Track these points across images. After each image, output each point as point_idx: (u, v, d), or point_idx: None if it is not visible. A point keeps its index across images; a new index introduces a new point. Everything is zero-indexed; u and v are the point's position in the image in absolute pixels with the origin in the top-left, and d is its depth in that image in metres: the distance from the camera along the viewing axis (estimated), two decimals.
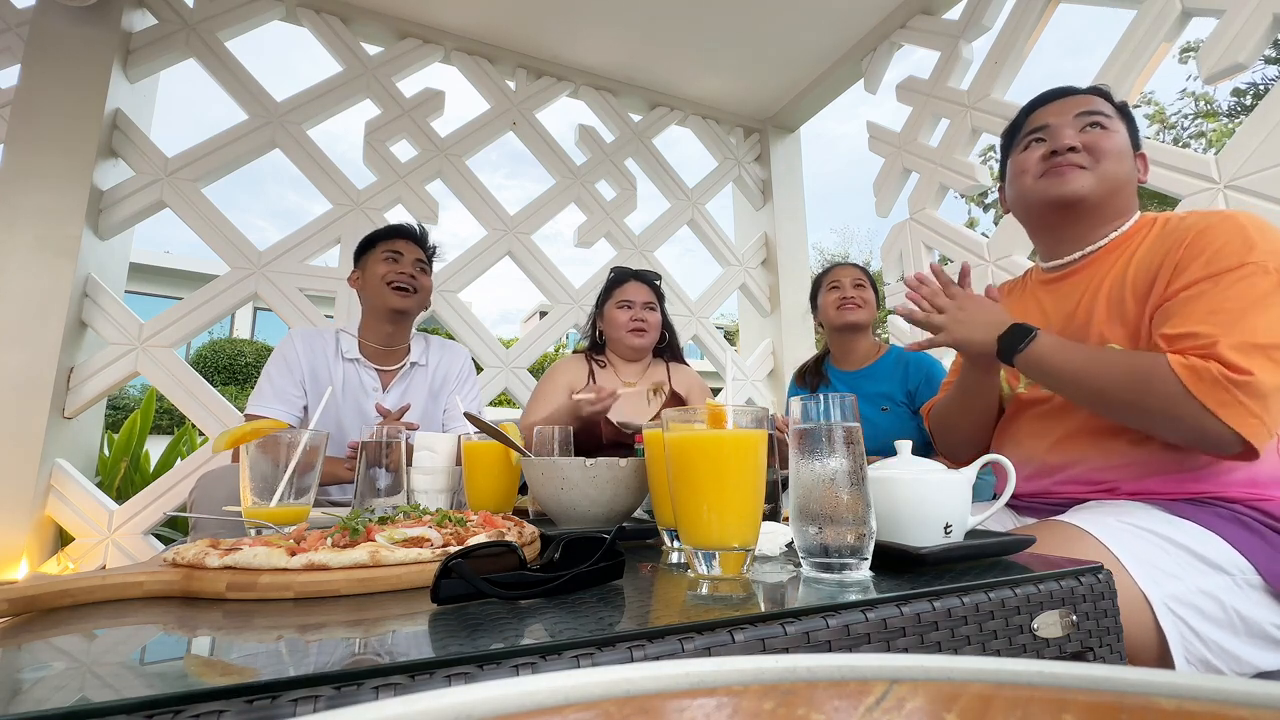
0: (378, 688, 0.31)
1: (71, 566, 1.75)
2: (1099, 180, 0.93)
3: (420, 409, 1.51)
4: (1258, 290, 0.73)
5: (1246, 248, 0.76)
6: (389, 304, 1.47)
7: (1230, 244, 0.78)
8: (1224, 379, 0.70)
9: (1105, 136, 0.94)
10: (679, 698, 0.18)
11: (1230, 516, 0.76)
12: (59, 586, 0.46)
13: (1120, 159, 0.94)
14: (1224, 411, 0.70)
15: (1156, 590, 0.67)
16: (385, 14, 2.35)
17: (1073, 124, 0.97)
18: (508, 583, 0.45)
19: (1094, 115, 0.95)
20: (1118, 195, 0.94)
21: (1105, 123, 0.95)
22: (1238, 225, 0.79)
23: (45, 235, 1.77)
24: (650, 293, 1.69)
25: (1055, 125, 0.98)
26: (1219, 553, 0.72)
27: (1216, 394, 0.70)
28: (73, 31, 1.90)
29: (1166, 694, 0.17)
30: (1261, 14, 1.39)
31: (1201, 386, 0.71)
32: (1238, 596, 0.70)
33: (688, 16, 2.40)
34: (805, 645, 0.41)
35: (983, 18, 2.13)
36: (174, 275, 11.69)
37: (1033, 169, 0.99)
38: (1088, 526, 0.73)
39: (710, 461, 0.53)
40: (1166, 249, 0.84)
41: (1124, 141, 0.95)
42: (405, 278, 1.47)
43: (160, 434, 7.17)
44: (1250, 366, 0.69)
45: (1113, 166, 0.93)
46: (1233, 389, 0.69)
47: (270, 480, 0.77)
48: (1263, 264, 0.74)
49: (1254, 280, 0.74)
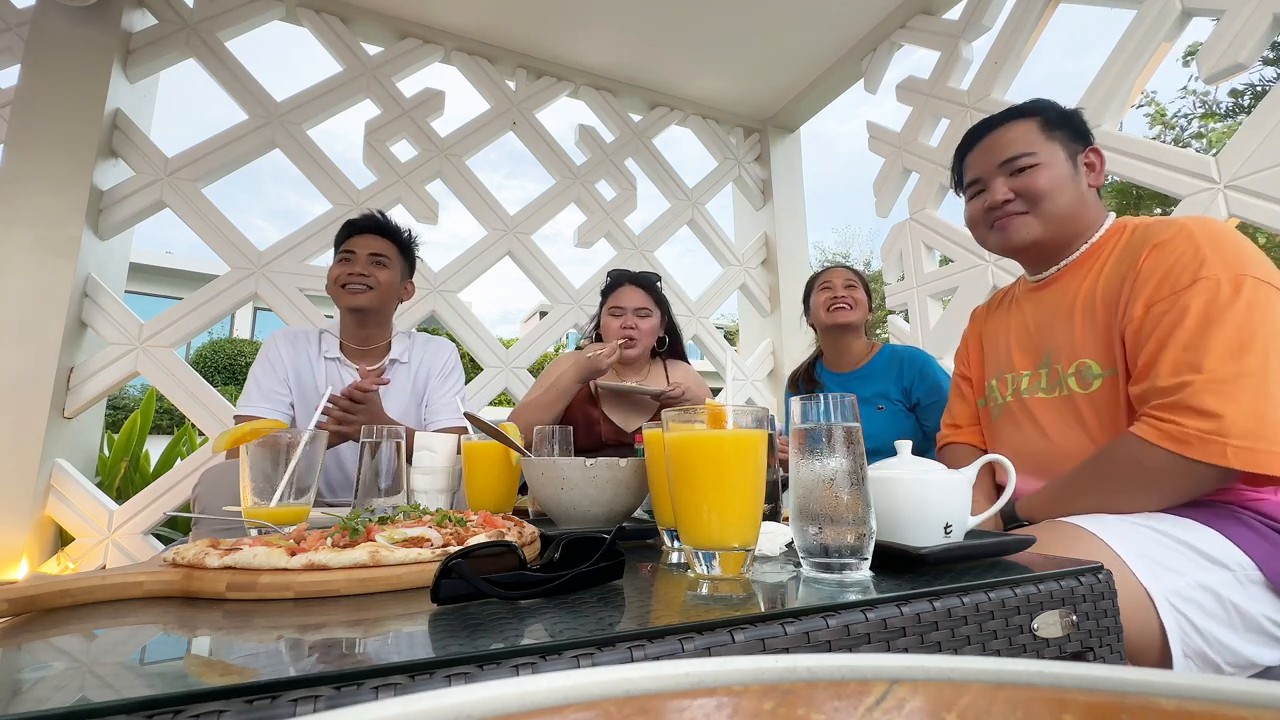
0: (378, 688, 0.31)
1: (71, 566, 1.75)
2: (1043, 222, 0.95)
3: (400, 407, 1.50)
4: (1213, 307, 0.74)
5: (1198, 262, 0.76)
6: (342, 304, 1.46)
7: (1183, 259, 0.78)
8: (1199, 435, 0.70)
9: (1034, 176, 0.94)
10: (679, 698, 0.18)
11: (1229, 514, 0.76)
12: (59, 586, 0.46)
13: (1059, 191, 0.93)
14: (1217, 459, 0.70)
15: (1158, 585, 0.67)
16: (385, 14, 2.35)
17: (999, 173, 0.97)
18: (508, 583, 0.45)
19: (1017, 160, 0.95)
20: (1071, 221, 0.95)
21: (1030, 160, 0.94)
22: (1189, 238, 0.79)
23: (45, 235, 1.77)
24: (645, 297, 1.64)
25: (985, 179, 0.99)
26: (1220, 548, 0.72)
27: (1200, 448, 0.70)
28: (73, 31, 1.90)
29: (1166, 694, 0.17)
30: (1261, 14, 1.39)
31: (1181, 446, 0.71)
32: (1238, 592, 0.70)
33: (688, 16, 2.40)
34: (805, 645, 0.41)
35: (983, 18, 2.13)
36: (174, 275, 11.69)
37: (981, 221, 1.01)
38: (1088, 524, 0.73)
39: (710, 461, 0.53)
40: (1129, 263, 0.85)
41: (1058, 170, 0.94)
42: (356, 277, 1.44)
43: (160, 434, 7.18)
44: (1220, 409, 0.69)
45: (1053, 203, 0.94)
46: (1213, 439, 0.69)
47: (270, 480, 0.77)
48: (1214, 278, 0.75)
49: (1208, 296, 0.74)
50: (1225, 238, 0.78)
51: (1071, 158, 0.95)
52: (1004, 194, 0.96)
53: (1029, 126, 0.97)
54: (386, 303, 1.50)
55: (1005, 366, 1.04)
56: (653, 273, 1.73)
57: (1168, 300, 0.77)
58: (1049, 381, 0.94)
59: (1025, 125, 0.97)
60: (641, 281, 1.66)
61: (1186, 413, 0.71)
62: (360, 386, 1.21)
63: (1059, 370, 0.92)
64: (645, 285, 1.66)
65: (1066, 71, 41.71)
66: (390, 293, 1.49)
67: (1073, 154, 0.95)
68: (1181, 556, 0.71)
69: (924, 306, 2.27)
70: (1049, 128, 0.96)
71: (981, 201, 1.00)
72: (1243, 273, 0.74)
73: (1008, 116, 1.00)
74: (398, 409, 1.49)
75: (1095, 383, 0.87)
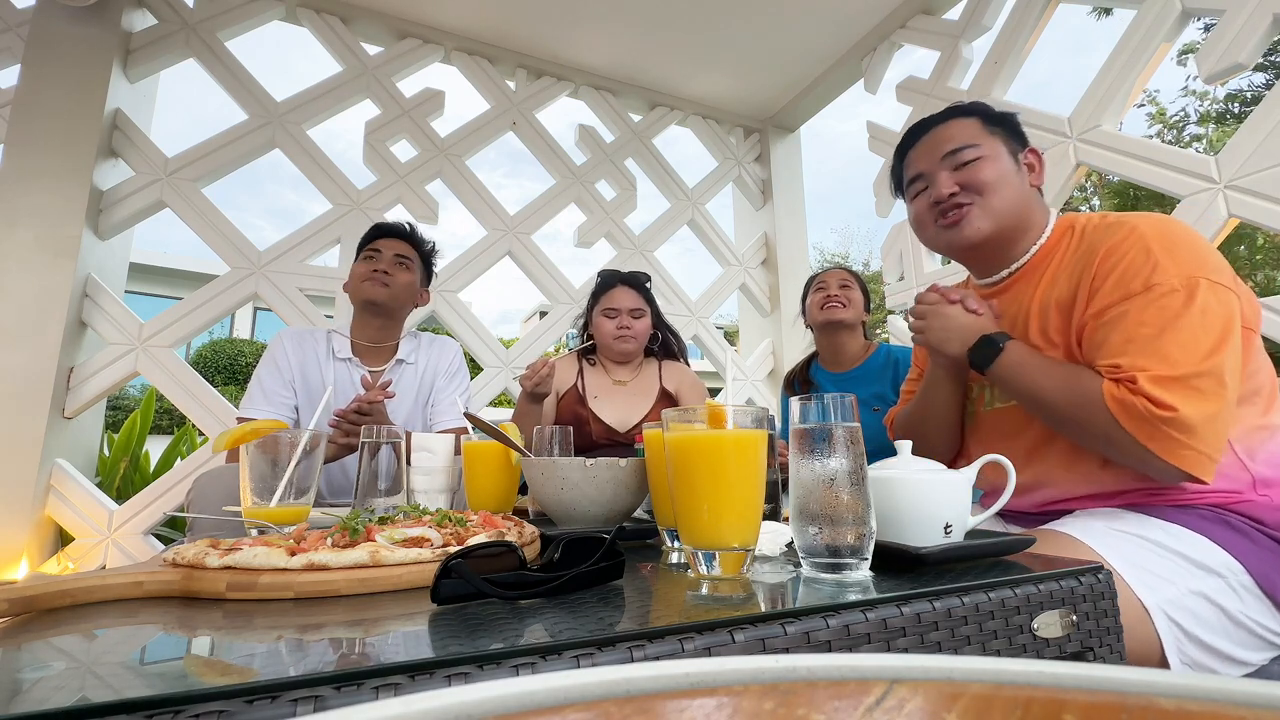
0: (378, 688, 0.31)
1: (71, 566, 1.75)
2: (990, 215, 0.92)
3: (406, 408, 1.51)
4: (1168, 312, 0.73)
5: (1150, 267, 0.75)
6: (361, 296, 1.48)
7: (1134, 264, 0.77)
8: (1149, 415, 0.69)
9: (979, 169, 0.92)
10: (679, 698, 0.18)
11: (1216, 519, 0.76)
12: (59, 586, 0.46)
13: (1003, 183, 0.91)
14: (1156, 446, 0.70)
15: (1152, 596, 0.67)
16: (385, 14, 2.35)
17: (943, 166, 0.95)
18: (508, 583, 0.45)
19: (960, 152, 0.93)
20: (1017, 216, 0.93)
21: (973, 153, 0.92)
22: (1141, 242, 0.77)
23: (45, 235, 1.77)
24: (637, 297, 1.65)
25: (929, 172, 0.97)
26: (1210, 555, 0.72)
27: (1146, 429, 0.70)
28: (73, 31, 1.90)
29: (1167, 694, 0.17)
30: (1261, 14, 1.39)
31: (1132, 422, 0.71)
32: (1230, 598, 0.70)
33: (688, 16, 2.40)
34: (805, 645, 0.41)
35: (983, 18, 2.13)
36: (174, 275, 11.69)
37: (927, 218, 0.98)
38: (1078, 534, 0.73)
39: (710, 461, 0.53)
40: (1082, 266, 0.83)
41: (1003, 164, 0.92)
42: (379, 273, 1.47)
43: (160, 434, 7.17)
44: (1173, 401, 0.69)
45: (999, 196, 0.91)
46: (1160, 425, 0.69)
47: (270, 480, 0.77)
48: (1168, 284, 0.73)
49: (1162, 302, 0.73)
50: (1177, 239, 0.77)
51: (1013, 155, 0.94)
52: (949, 187, 0.93)
53: (970, 123, 0.95)
54: (403, 303, 1.53)
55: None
56: (642, 273, 1.75)
57: (1121, 305, 0.76)
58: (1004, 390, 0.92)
59: (965, 122, 0.96)
60: (633, 282, 1.68)
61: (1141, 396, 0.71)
62: (367, 399, 1.22)
63: None
64: (636, 285, 1.68)
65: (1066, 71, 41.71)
66: (408, 294, 1.53)
67: (1014, 151, 0.94)
68: (1173, 565, 0.71)
69: None
70: (989, 124, 0.95)
71: (926, 198, 0.97)
72: (1196, 275, 0.73)
73: (947, 115, 0.98)
74: (403, 410, 1.50)
75: None
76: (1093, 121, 1.72)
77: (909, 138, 1.01)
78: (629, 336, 1.61)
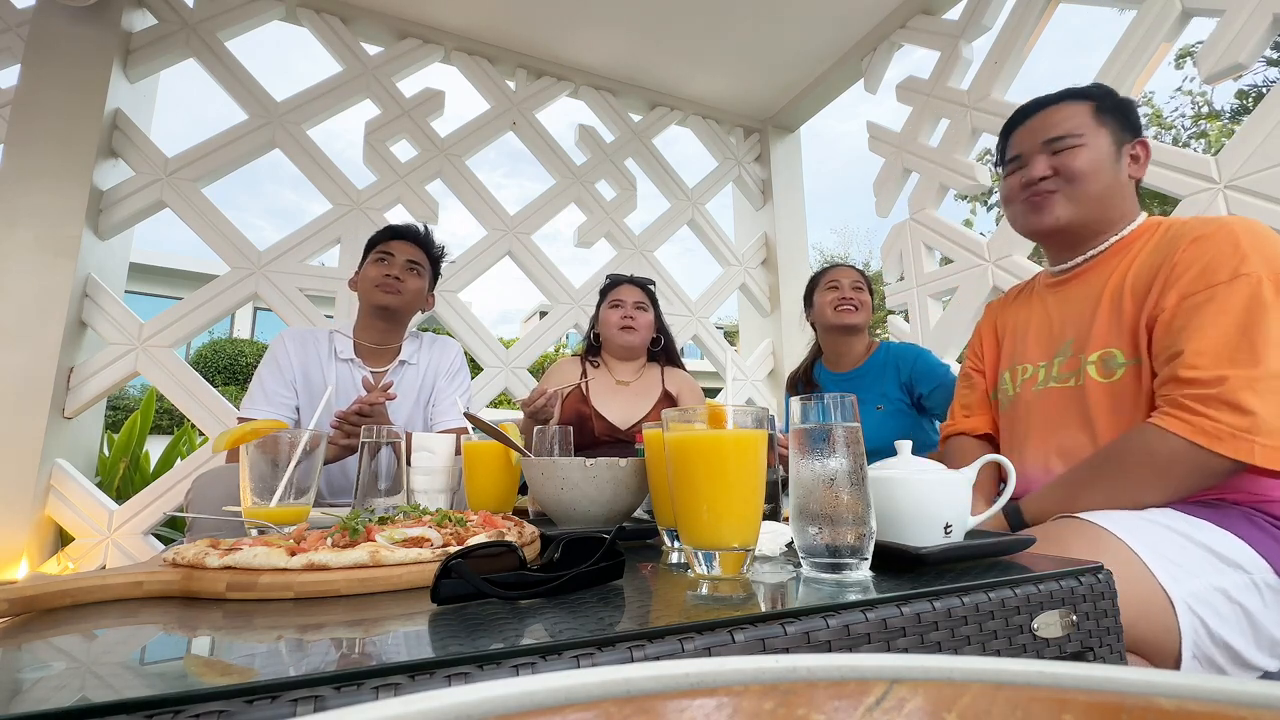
0: (378, 688, 0.31)
1: (71, 566, 1.75)
2: (1074, 203, 0.94)
3: (407, 408, 1.51)
4: (1255, 305, 0.73)
5: (1239, 258, 0.76)
6: (374, 302, 1.48)
7: (1221, 254, 0.78)
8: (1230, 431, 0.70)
9: (1075, 155, 0.93)
10: (679, 698, 0.18)
11: (1242, 516, 0.76)
12: (59, 586, 0.45)
13: (1096, 173, 0.92)
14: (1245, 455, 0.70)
15: (1177, 588, 0.66)
16: (385, 14, 2.35)
17: (1042, 150, 0.96)
18: (508, 583, 0.45)
19: (1062, 140, 0.94)
20: (1104, 207, 0.94)
21: (1075, 140, 0.93)
22: (1231, 234, 0.79)
23: (45, 235, 1.77)
24: (642, 294, 1.74)
25: (1026, 155, 0.98)
26: (1235, 550, 0.72)
27: (1233, 444, 0.71)
28: (73, 31, 1.90)
29: (1167, 694, 0.17)
30: (1261, 14, 1.39)
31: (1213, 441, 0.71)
32: (1252, 596, 0.69)
33: (688, 17, 2.40)
34: (805, 645, 0.41)
35: (983, 18, 2.13)
36: (174, 275, 11.69)
37: (1015, 198, 1.00)
38: (1105, 523, 0.72)
39: (710, 462, 0.53)
40: (1164, 256, 0.84)
41: (1102, 153, 0.93)
42: (391, 279, 1.48)
43: (160, 434, 7.17)
44: (1255, 407, 0.70)
45: (1088, 186, 0.93)
46: (1243, 435, 0.70)
47: (270, 480, 0.77)
48: (1255, 274, 0.74)
49: (1248, 293, 0.74)
50: (1265, 238, 0.78)
51: (1117, 145, 0.94)
52: (1042, 170, 0.95)
53: (1080, 109, 0.95)
54: (412, 309, 1.55)
55: (1019, 358, 1.03)
56: (647, 278, 1.82)
57: (1204, 293, 0.77)
58: (1062, 371, 0.93)
59: (1076, 107, 0.96)
60: (638, 281, 1.78)
61: (1223, 408, 0.71)
62: (368, 401, 1.22)
63: (1081, 359, 0.90)
64: (641, 285, 1.77)
65: (1067, 70, 41.69)
66: (417, 300, 1.55)
67: (1119, 142, 0.94)
68: (1198, 558, 0.70)
69: (924, 307, 2.26)
70: (1100, 113, 0.95)
71: (1019, 177, 0.99)
72: None
73: (1061, 97, 0.98)
74: (404, 410, 1.50)
75: (1119, 371, 0.85)
76: None
77: (1017, 117, 1.02)
78: (633, 327, 1.68)
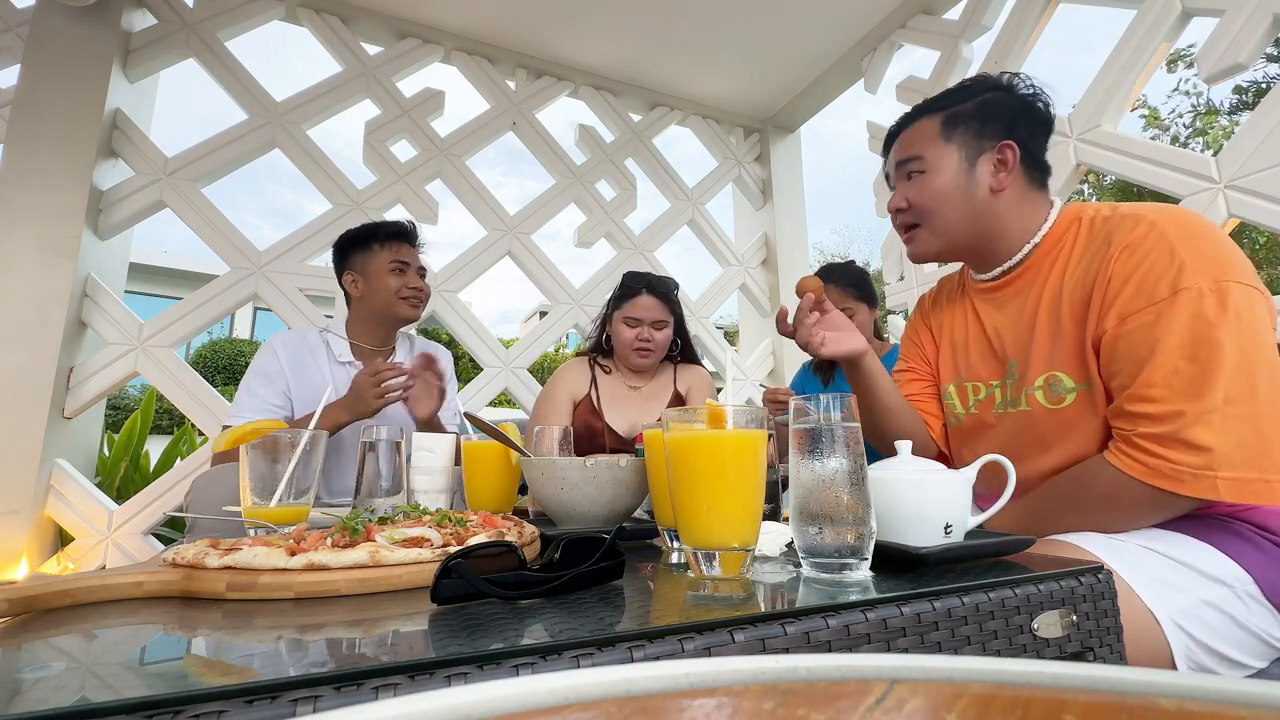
0: (378, 688, 0.31)
1: (71, 566, 1.75)
2: (935, 235, 0.90)
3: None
4: (1200, 324, 0.68)
5: (1175, 268, 0.70)
6: (401, 316, 1.48)
7: (1157, 265, 0.72)
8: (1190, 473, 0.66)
9: (918, 186, 0.89)
10: (679, 698, 0.18)
11: (1222, 527, 0.75)
12: (59, 586, 0.46)
13: (945, 200, 0.87)
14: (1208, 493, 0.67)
15: (1162, 606, 0.66)
16: (385, 14, 2.35)
17: (898, 175, 0.93)
18: (508, 583, 0.45)
19: (909, 164, 0.90)
20: (977, 227, 0.88)
21: (918, 166, 0.89)
22: (1163, 240, 0.73)
23: (45, 235, 1.77)
24: (662, 308, 1.55)
25: (892, 180, 0.95)
26: (1217, 565, 0.71)
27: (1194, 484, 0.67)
28: (73, 31, 1.90)
29: (1167, 694, 0.17)
30: (1261, 14, 1.39)
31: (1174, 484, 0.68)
32: (1237, 606, 0.69)
33: (688, 16, 2.40)
34: (805, 645, 0.41)
35: (983, 18, 2.13)
36: (174, 275, 11.69)
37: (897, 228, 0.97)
38: (1085, 544, 0.72)
39: (710, 461, 0.53)
40: (1097, 266, 0.78)
41: (945, 179, 0.87)
42: (416, 291, 1.48)
43: (160, 434, 7.17)
44: (1210, 443, 0.65)
45: (939, 215, 0.88)
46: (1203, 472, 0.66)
47: (270, 480, 0.77)
48: (1195, 287, 0.69)
49: (1191, 311, 0.68)
50: (1200, 237, 0.73)
51: (970, 160, 0.87)
52: (897, 202, 0.92)
53: (926, 127, 0.90)
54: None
55: (965, 373, 0.97)
56: (670, 278, 1.63)
57: (1147, 312, 0.71)
58: (1013, 394, 0.87)
59: (923, 125, 0.90)
60: (659, 290, 1.57)
61: (1178, 447, 0.67)
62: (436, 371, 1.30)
63: (1023, 385, 0.85)
64: (664, 294, 1.57)
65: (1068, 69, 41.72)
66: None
67: (975, 154, 0.87)
68: (1181, 575, 0.69)
69: None
70: (949, 126, 0.88)
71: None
72: (1225, 279, 0.69)
73: (913, 114, 0.93)
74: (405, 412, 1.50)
75: (1068, 398, 0.80)
76: (1093, 121, 1.72)
77: (888, 138, 0.99)
78: (648, 350, 1.53)
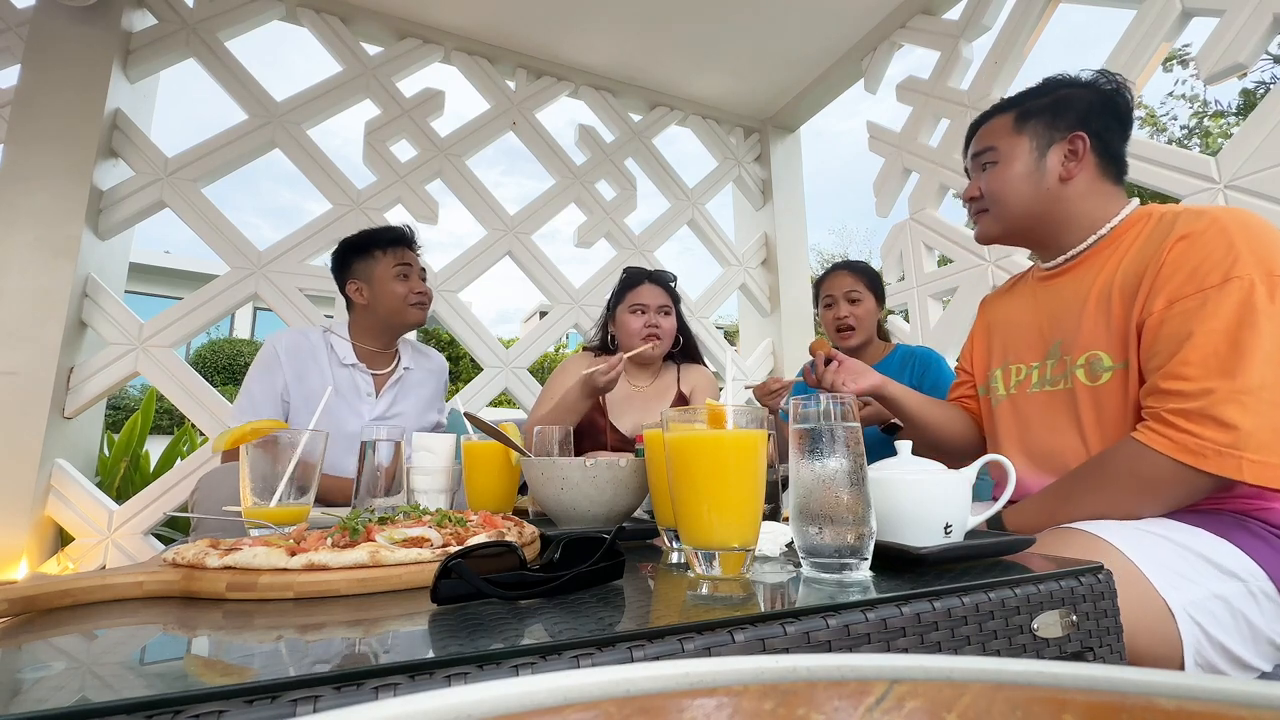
0: (378, 688, 0.31)
1: (71, 566, 1.75)
2: (1001, 221, 0.96)
3: (416, 411, 1.52)
4: (1246, 311, 0.69)
5: (1231, 259, 0.72)
6: (410, 321, 1.49)
7: (1213, 254, 0.73)
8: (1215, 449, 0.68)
9: (991, 176, 0.96)
10: (679, 698, 0.18)
11: (1237, 523, 0.75)
12: (59, 586, 0.46)
13: (1013, 189, 0.93)
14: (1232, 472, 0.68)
15: (1176, 596, 0.66)
16: (385, 14, 2.35)
17: (975, 167, 0.99)
18: (508, 583, 0.45)
19: (983, 155, 0.97)
20: (1044, 215, 0.93)
21: (991, 157, 0.96)
22: (1223, 231, 0.75)
23: (45, 235, 1.77)
24: (665, 295, 1.58)
25: (969, 171, 1.03)
26: (1231, 558, 0.71)
27: (1218, 461, 0.68)
28: (73, 31, 1.90)
29: (1167, 694, 0.17)
30: (1261, 14, 1.39)
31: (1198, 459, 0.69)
32: (1249, 604, 0.69)
33: (688, 16, 2.40)
34: (805, 645, 0.41)
35: (983, 18, 2.13)
36: (174, 275, 11.68)
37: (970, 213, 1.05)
38: (1101, 532, 0.71)
39: (710, 461, 0.53)
40: (1151, 253, 0.81)
41: (1015, 168, 0.93)
42: (421, 296, 1.49)
43: (160, 434, 7.17)
44: (1239, 421, 0.67)
45: (1007, 203, 0.94)
46: (1229, 451, 0.67)
47: (270, 480, 0.77)
48: (1247, 277, 0.70)
49: (1239, 298, 0.70)
50: (1260, 232, 0.74)
51: (1041, 150, 0.91)
52: (971, 191, 1.00)
53: (1002, 122, 0.96)
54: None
55: (1011, 357, 1.01)
56: (668, 271, 1.67)
57: (1195, 298, 0.73)
58: (1054, 373, 0.91)
59: (999, 121, 0.97)
60: (660, 280, 1.61)
61: (1206, 423, 0.68)
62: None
63: (1067, 361, 0.88)
64: (664, 283, 1.61)
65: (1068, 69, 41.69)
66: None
67: (1046, 144, 0.91)
68: (1195, 567, 0.69)
69: (924, 306, 2.27)
70: (1021, 120, 0.94)
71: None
72: (1278, 272, 0.70)
73: (990, 113, 1.00)
74: (414, 412, 1.51)
75: (1104, 375, 0.83)
76: None
77: (968, 134, 1.05)
78: (658, 336, 1.53)
